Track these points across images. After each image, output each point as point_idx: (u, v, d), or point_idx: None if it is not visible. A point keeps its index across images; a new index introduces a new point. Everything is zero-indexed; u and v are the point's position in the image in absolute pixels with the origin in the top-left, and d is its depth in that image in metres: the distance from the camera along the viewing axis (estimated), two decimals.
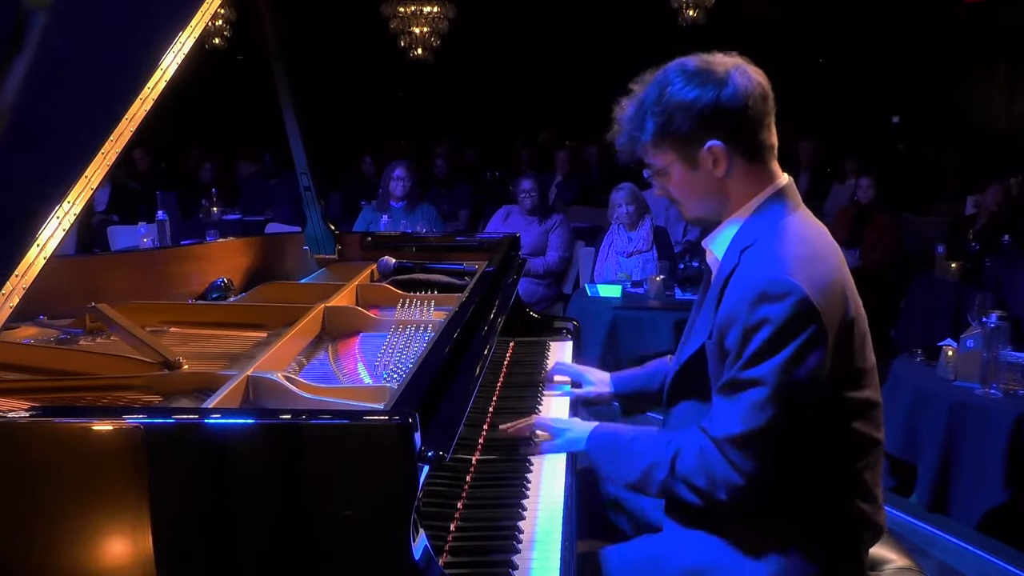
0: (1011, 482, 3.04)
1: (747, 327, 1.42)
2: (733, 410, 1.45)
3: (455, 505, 1.53)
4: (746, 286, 1.44)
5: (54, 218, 1.50)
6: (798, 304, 1.39)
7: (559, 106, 11.58)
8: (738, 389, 1.45)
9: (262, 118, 4.17)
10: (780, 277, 1.41)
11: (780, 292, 1.40)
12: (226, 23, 8.99)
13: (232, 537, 1.18)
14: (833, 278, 1.47)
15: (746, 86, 1.50)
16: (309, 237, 2.91)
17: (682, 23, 8.42)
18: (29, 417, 1.19)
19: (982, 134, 10.39)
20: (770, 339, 1.40)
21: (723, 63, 1.53)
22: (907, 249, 6.19)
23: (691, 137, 1.52)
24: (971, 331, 3.27)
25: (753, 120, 1.52)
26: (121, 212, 7.76)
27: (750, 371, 1.42)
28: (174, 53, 1.76)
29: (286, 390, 1.52)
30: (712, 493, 1.48)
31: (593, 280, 4.91)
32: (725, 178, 1.55)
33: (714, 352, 1.52)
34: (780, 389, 1.41)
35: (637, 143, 1.58)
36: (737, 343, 1.44)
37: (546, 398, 2.14)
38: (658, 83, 1.55)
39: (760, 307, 1.40)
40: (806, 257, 1.46)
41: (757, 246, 1.50)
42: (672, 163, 1.57)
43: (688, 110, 1.50)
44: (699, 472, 1.49)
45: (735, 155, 1.53)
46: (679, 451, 1.53)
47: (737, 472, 1.45)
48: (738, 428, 1.44)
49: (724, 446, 1.46)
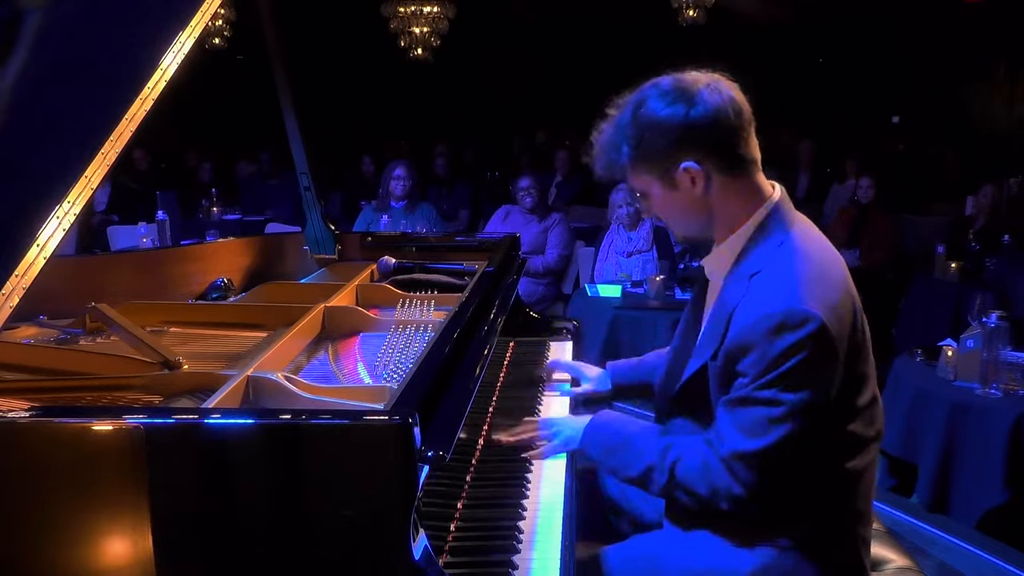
0: (1011, 482, 3.04)
1: (765, 353, 1.42)
2: (740, 426, 1.46)
3: (455, 505, 1.53)
4: (761, 315, 1.44)
5: (54, 218, 1.50)
6: (816, 332, 1.40)
7: (559, 106, 11.56)
8: (746, 405, 1.45)
9: (262, 118, 4.17)
10: (796, 307, 1.41)
11: (798, 321, 1.41)
12: (226, 23, 8.99)
13: (232, 537, 1.18)
14: (841, 294, 1.48)
15: (717, 102, 1.49)
16: (309, 237, 2.91)
17: (682, 23, 8.42)
18: (29, 417, 1.20)
19: (982, 134, 10.39)
20: (789, 365, 1.41)
21: (696, 80, 1.51)
22: (907, 249, 6.19)
23: (666, 158, 1.52)
24: (971, 331, 3.26)
25: (726, 135, 1.51)
26: (121, 212, 7.75)
27: (764, 392, 1.43)
28: (174, 53, 1.76)
29: (286, 390, 1.52)
30: (712, 502, 1.50)
31: (593, 280, 4.91)
32: (706, 196, 1.54)
33: (719, 375, 1.52)
34: (793, 409, 1.42)
35: (616, 166, 1.58)
36: (754, 367, 1.44)
37: (546, 398, 2.14)
38: (632, 104, 1.55)
39: (780, 337, 1.41)
40: (816, 278, 1.47)
41: (765, 273, 1.49)
42: (651, 184, 1.57)
43: (658, 129, 1.50)
44: (700, 481, 1.50)
45: (713, 172, 1.52)
46: (680, 458, 1.54)
47: (741, 485, 1.46)
48: (746, 444, 1.44)
49: (731, 461, 1.46)
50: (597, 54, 10.94)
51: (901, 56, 10.72)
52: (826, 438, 1.49)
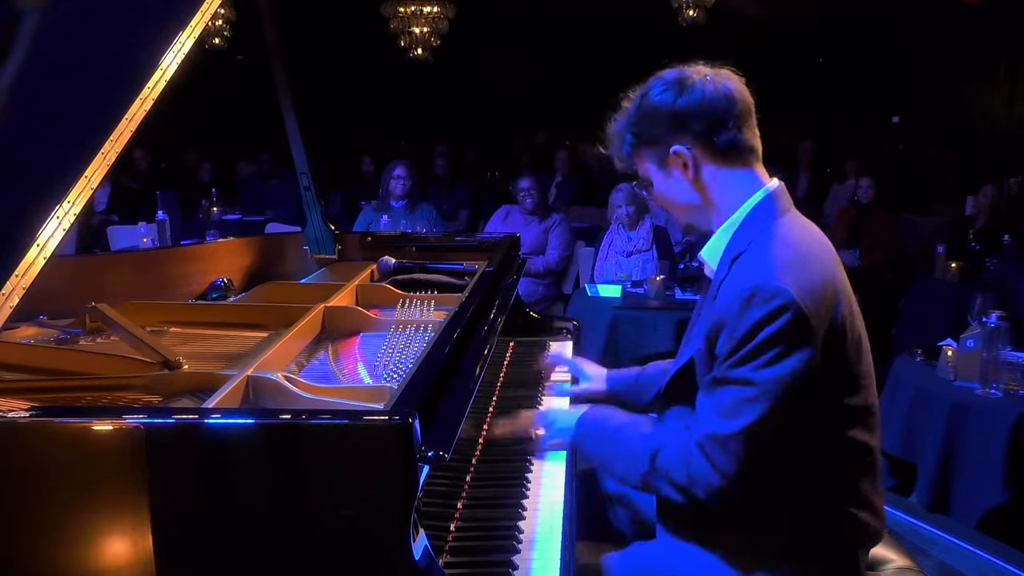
0: (1011, 482, 3.04)
1: (735, 329, 1.43)
2: (716, 408, 1.45)
3: (455, 505, 1.53)
4: (735, 292, 1.44)
5: (54, 218, 1.50)
6: (784, 305, 1.39)
7: (559, 106, 11.57)
8: (721, 386, 1.45)
9: (262, 118, 4.17)
10: (767, 282, 1.41)
11: (767, 295, 1.40)
12: (226, 23, 8.99)
13: (232, 537, 1.18)
14: (822, 278, 1.46)
15: (707, 89, 1.52)
16: (309, 237, 2.91)
17: (682, 23, 8.42)
18: (29, 417, 1.20)
19: (982, 134, 10.39)
20: (757, 341, 1.40)
21: (697, 71, 1.56)
22: (907, 249, 6.19)
23: (658, 143, 1.57)
24: (971, 331, 3.26)
25: (712, 120, 1.52)
26: (121, 212, 7.75)
27: (736, 371, 1.43)
28: (174, 53, 1.76)
29: (286, 390, 1.52)
30: (690, 489, 1.47)
31: (593, 280, 4.91)
32: (698, 181, 1.56)
33: (703, 359, 1.52)
34: (764, 388, 1.40)
35: (623, 154, 1.64)
36: (725, 345, 1.44)
37: (546, 397, 2.14)
38: (639, 95, 1.60)
39: (748, 310, 1.41)
40: (794, 260, 1.46)
41: (747, 253, 1.50)
42: (650, 171, 1.62)
43: (653, 117, 1.56)
44: (678, 468, 1.48)
45: (702, 157, 1.55)
46: (661, 446, 1.53)
47: (715, 471, 1.44)
48: (720, 426, 1.43)
49: (705, 443, 1.45)
50: (597, 54, 10.94)
51: (901, 56, 10.72)
52: (822, 443, 1.49)
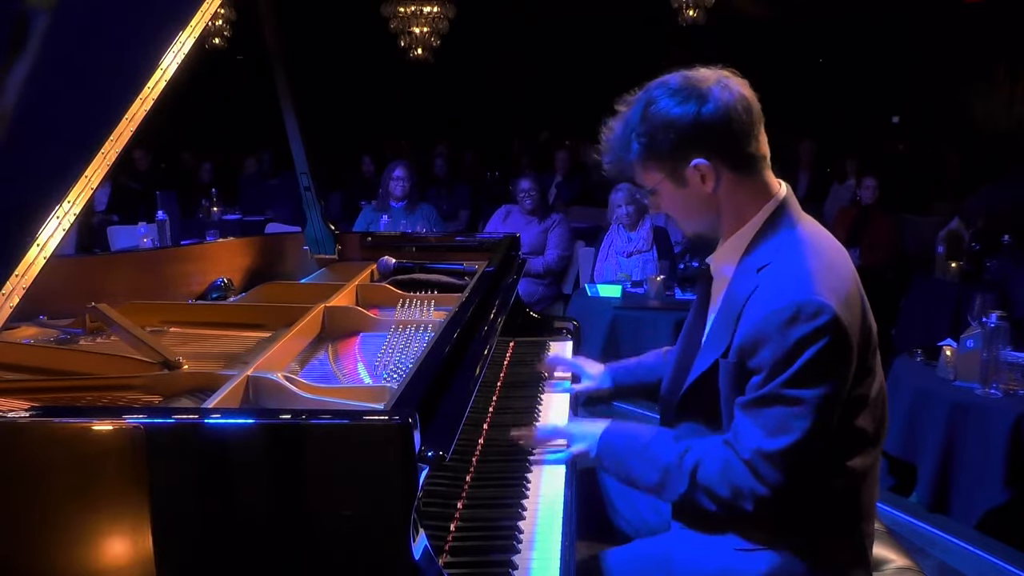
0: (1011, 482, 3.04)
1: (779, 347, 1.42)
2: (763, 426, 1.45)
3: (455, 505, 1.53)
4: (774, 307, 1.43)
5: (54, 218, 1.50)
6: (830, 323, 1.40)
7: (559, 106, 11.57)
8: (770, 404, 1.44)
9: (262, 118, 4.17)
10: (809, 297, 1.41)
11: (812, 312, 1.41)
12: (226, 23, 8.98)
13: (232, 537, 1.18)
14: (850, 286, 1.49)
15: (728, 100, 1.50)
16: (309, 237, 2.91)
17: (682, 23, 8.41)
18: (29, 417, 1.19)
19: (982, 134, 10.38)
20: (804, 359, 1.41)
21: (705, 78, 1.52)
22: (907, 249, 6.18)
23: (676, 155, 1.53)
24: (971, 331, 3.26)
25: (737, 133, 1.51)
26: (121, 212, 7.75)
27: (786, 390, 1.43)
28: (174, 53, 1.76)
29: (286, 390, 1.52)
30: (736, 502, 1.48)
31: (593, 280, 4.91)
32: (716, 193, 1.55)
33: (733, 371, 1.51)
34: (812, 405, 1.42)
35: (625, 164, 1.59)
36: (770, 362, 1.44)
37: (546, 395, 2.14)
38: (641, 102, 1.55)
39: (792, 328, 1.41)
40: (826, 270, 1.47)
41: (775, 266, 1.50)
42: (660, 182, 1.58)
43: (670, 128, 1.51)
44: (722, 483, 1.48)
45: (722, 170, 1.53)
46: (700, 461, 1.52)
47: (765, 485, 1.45)
48: (768, 443, 1.44)
49: (755, 460, 1.45)
50: (597, 54, 10.94)
51: (901, 56, 10.72)
52: (836, 433, 1.49)
